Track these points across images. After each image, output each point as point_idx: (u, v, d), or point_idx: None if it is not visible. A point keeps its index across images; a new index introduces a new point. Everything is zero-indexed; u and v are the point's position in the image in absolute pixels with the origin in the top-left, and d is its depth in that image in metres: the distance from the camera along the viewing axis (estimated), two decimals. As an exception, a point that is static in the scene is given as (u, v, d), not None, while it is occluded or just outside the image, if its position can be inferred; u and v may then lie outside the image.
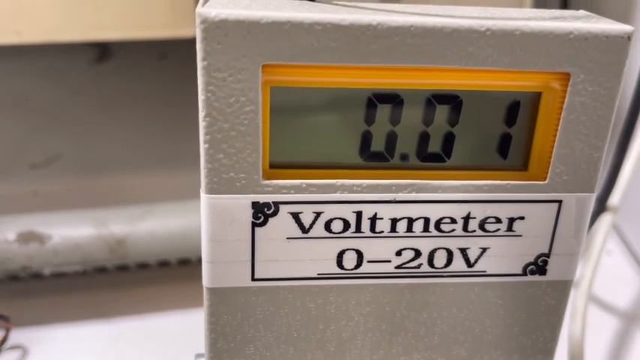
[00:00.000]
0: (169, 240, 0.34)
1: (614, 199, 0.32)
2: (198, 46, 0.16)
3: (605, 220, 0.32)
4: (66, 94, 0.49)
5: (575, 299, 0.30)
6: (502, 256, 0.19)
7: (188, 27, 0.32)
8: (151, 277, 0.35)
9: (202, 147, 0.17)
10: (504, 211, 0.19)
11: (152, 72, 0.50)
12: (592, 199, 0.19)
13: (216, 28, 0.15)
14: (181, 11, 0.32)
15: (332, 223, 0.18)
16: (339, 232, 0.18)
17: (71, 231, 0.33)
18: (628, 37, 0.17)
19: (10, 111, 0.47)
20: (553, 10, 0.19)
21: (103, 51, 0.51)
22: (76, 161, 0.43)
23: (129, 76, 0.50)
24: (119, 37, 0.32)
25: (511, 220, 0.19)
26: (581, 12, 0.19)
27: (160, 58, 0.51)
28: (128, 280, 0.35)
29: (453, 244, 0.19)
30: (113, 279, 0.35)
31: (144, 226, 0.34)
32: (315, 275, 0.19)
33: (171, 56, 0.51)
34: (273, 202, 0.18)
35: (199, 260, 0.32)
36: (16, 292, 0.34)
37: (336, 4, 0.18)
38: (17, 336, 0.31)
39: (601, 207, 0.32)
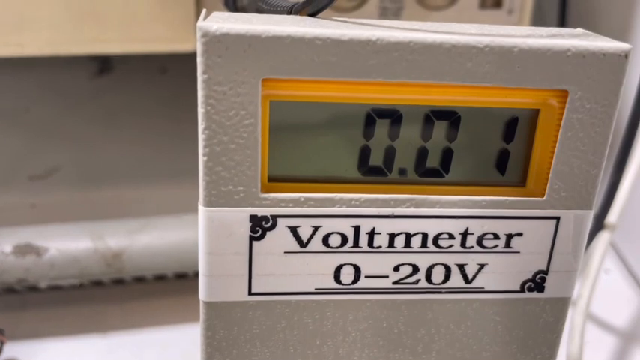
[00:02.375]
0: (166, 254, 0.34)
1: (612, 217, 0.32)
2: (199, 59, 0.16)
3: (603, 237, 0.32)
4: (66, 107, 0.49)
5: (573, 317, 0.30)
6: (500, 273, 0.19)
7: (189, 42, 0.32)
8: (148, 291, 0.35)
9: (201, 160, 0.17)
10: (502, 227, 0.19)
11: (152, 86, 0.51)
12: (590, 215, 0.19)
13: (217, 42, 0.16)
14: (182, 26, 0.32)
15: (330, 238, 0.18)
16: (337, 247, 0.18)
17: (68, 244, 0.33)
18: (625, 55, 0.17)
19: (10, 123, 0.47)
20: (551, 29, 0.19)
21: (103, 65, 0.51)
22: (75, 174, 0.43)
23: (129, 89, 0.50)
24: (120, 50, 0.32)
25: (509, 237, 0.19)
26: (579, 30, 0.19)
27: (160, 73, 0.52)
28: (124, 293, 0.35)
29: (451, 260, 0.19)
30: (109, 292, 0.35)
31: (141, 239, 0.34)
32: (313, 290, 0.19)
33: (171, 70, 0.52)
34: (271, 216, 0.18)
35: (196, 274, 0.32)
36: (11, 304, 0.34)
37: (337, 20, 0.18)
38: (12, 349, 0.31)
39: (599, 225, 0.32)
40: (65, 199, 0.42)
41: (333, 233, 0.18)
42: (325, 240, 0.18)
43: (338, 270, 0.19)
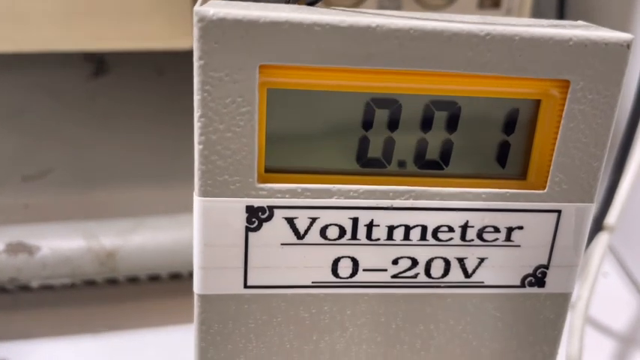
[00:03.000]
0: (160, 253, 0.33)
1: (611, 218, 0.31)
2: (195, 45, 0.16)
3: (602, 239, 0.31)
4: (61, 108, 0.48)
5: (572, 320, 0.29)
6: (500, 267, 0.19)
7: (185, 39, 0.32)
8: (141, 291, 0.35)
9: (197, 148, 0.17)
10: (503, 221, 0.18)
11: (148, 87, 0.50)
12: (591, 209, 0.18)
13: (214, 27, 0.15)
14: (178, 23, 0.32)
15: (327, 230, 0.18)
16: (335, 239, 0.18)
17: (61, 243, 0.33)
18: (627, 45, 0.17)
19: (4, 123, 0.47)
20: (552, 20, 0.18)
21: (99, 65, 0.51)
22: (69, 174, 0.43)
23: (124, 91, 0.50)
24: (115, 47, 0.32)
25: (509, 230, 0.18)
26: (580, 22, 0.19)
27: (157, 74, 0.51)
28: (118, 294, 0.34)
29: (451, 254, 0.19)
30: (102, 293, 0.34)
31: (135, 239, 0.33)
32: (310, 283, 0.18)
33: (168, 72, 0.51)
34: (268, 207, 0.17)
35: (190, 274, 0.31)
36: (2, 304, 0.33)
37: (336, 9, 0.18)
38: (3, 349, 0.31)
39: (598, 226, 0.31)
40: (59, 200, 0.41)
41: (330, 225, 0.18)
42: (323, 232, 0.18)
43: (335, 263, 0.18)
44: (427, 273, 0.19)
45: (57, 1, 0.30)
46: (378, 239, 0.18)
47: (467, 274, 0.19)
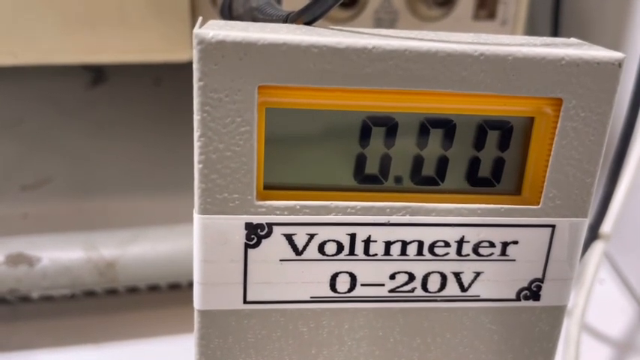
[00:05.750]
0: (160, 264, 0.34)
1: (606, 226, 0.32)
2: (195, 66, 0.16)
3: (598, 247, 0.32)
4: (60, 117, 0.49)
5: (568, 328, 0.29)
6: (496, 281, 0.19)
7: (184, 51, 0.32)
8: (141, 302, 0.35)
9: (196, 167, 0.17)
10: (498, 235, 0.19)
11: (146, 97, 0.51)
12: (585, 224, 0.19)
13: (214, 50, 0.16)
14: (177, 35, 0.32)
15: (325, 246, 0.18)
16: (333, 255, 0.18)
17: (61, 254, 0.33)
18: (619, 64, 0.17)
19: (3, 133, 0.47)
20: (545, 38, 0.19)
21: (97, 75, 0.51)
22: (68, 184, 0.43)
23: (123, 100, 0.50)
24: (114, 60, 0.32)
25: (504, 245, 0.19)
26: (573, 40, 0.19)
27: (155, 84, 0.52)
28: (118, 304, 0.35)
29: (447, 268, 0.19)
30: (102, 303, 0.35)
31: (134, 249, 0.34)
32: (308, 298, 0.19)
33: (166, 82, 0.52)
34: (267, 224, 0.18)
35: (190, 285, 0.32)
36: (3, 315, 0.34)
37: (333, 29, 0.18)
38: (3, 360, 0.31)
39: (593, 235, 0.32)
40: (58, 209, 0.41)
41: (328, 241, 0.18)
42: (321, 248, 0.18)
43: (334, 278, 0.18)
44: (424, 287, 0.19)
45: (56, 15, 0.31)
46: (376, 254, 0.18)
47: (463, 288, 0.19)
